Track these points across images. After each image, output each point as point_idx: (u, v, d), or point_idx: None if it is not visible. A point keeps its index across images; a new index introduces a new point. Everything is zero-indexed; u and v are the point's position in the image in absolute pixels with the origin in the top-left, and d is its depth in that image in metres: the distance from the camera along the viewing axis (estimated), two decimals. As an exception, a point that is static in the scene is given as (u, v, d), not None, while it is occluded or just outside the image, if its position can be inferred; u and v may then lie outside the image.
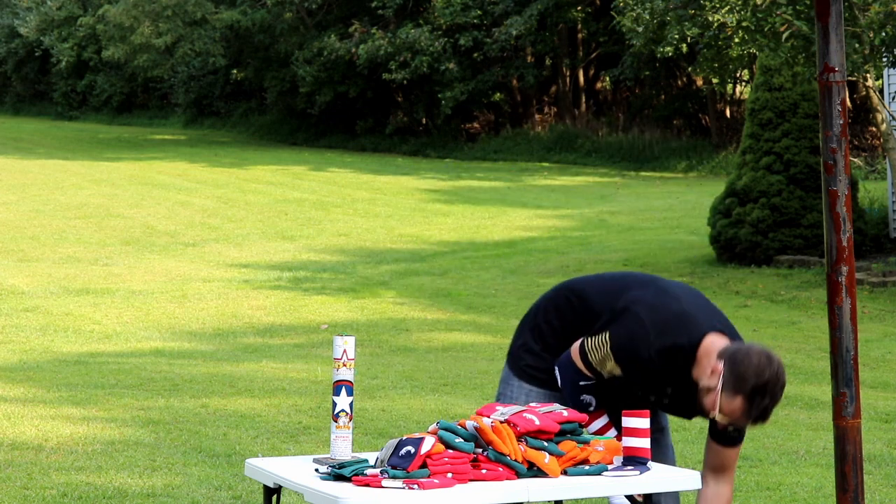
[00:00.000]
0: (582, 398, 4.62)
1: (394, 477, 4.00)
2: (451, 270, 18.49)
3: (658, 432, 4.84)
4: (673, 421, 9.46)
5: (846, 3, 14.66)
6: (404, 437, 4.16)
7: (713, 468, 4.75)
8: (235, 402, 10.01)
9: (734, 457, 4.80)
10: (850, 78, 15.77)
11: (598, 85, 37.14)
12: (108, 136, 39.21)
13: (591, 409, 4.61)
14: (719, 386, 4.47)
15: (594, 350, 4.58)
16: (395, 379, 11.12)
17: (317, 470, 4.20)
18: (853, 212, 16.09)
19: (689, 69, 27.88)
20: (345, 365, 4.31)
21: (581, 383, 4.63)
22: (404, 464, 4.05)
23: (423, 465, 4.06)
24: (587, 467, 4.19)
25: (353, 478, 4.04)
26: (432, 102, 34.80)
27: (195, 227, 22.18)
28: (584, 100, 36.19)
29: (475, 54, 33.40)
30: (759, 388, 4.41)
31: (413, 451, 4.08)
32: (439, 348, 13.22)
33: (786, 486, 7.68)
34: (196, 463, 8.08)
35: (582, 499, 4.24)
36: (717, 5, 16.08)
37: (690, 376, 4.59)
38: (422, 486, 3.97)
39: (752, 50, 17.11)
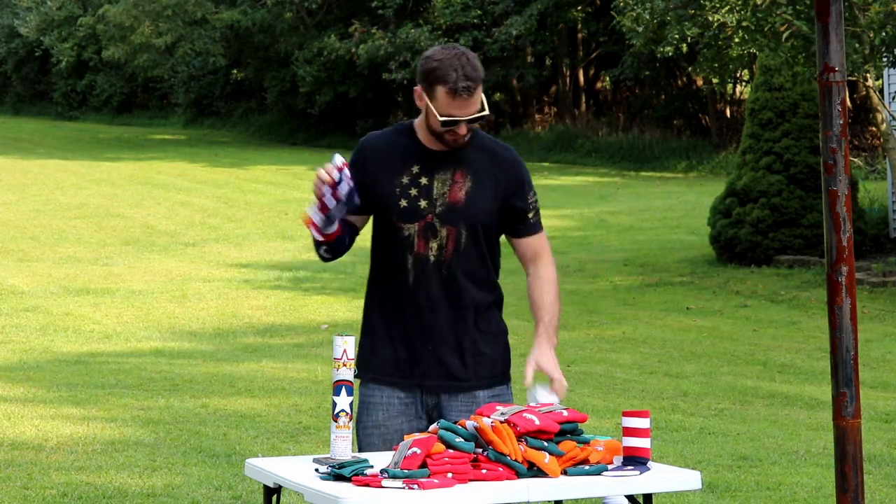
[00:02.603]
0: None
1: (394, 477, 4.00)
2: (451, 270, 18.48)
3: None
4: (672, 420, 9.48)
5: (846, 3, 14.66)
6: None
7: (530, 260, 4.80)
8: (235, 402, 10.01)
9: (542, 242, 4.80)
10: (850, 78, 15.78)
11: (598, 85, 37.15)
12: (108, 136, 39.22)
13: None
14: (424, 96, 4.57)
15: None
16: (395, 379, 11.11)
17: (317, 470, 4.20)
18: (853, 212, 16.09)
19: (689, 69, 27.89)
20: (345, 365, 4.31)
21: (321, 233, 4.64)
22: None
23: (423, 465, 4.07)
24: (587, 467, 4.19)
25: (353, 478, 4.04)
26: (432, 102, 34.80)
27: (195, 227, 22.19)
28: (584, 100, 36.20)
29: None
30: (442, 66, 4.52)
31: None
32: (439, 348, 13.21)
33: (786, 486, 7.68)
34: (196, 463, 8.09)
35: (582, 499, 4.24)
36: (717, 5, 16.08)
37: (421, 143, 4.67)
38: (422, 486, 3.97)
39: (752, 50, 17.11)
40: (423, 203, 4.63)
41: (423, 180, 4.64)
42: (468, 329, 4.66)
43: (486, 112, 4.62)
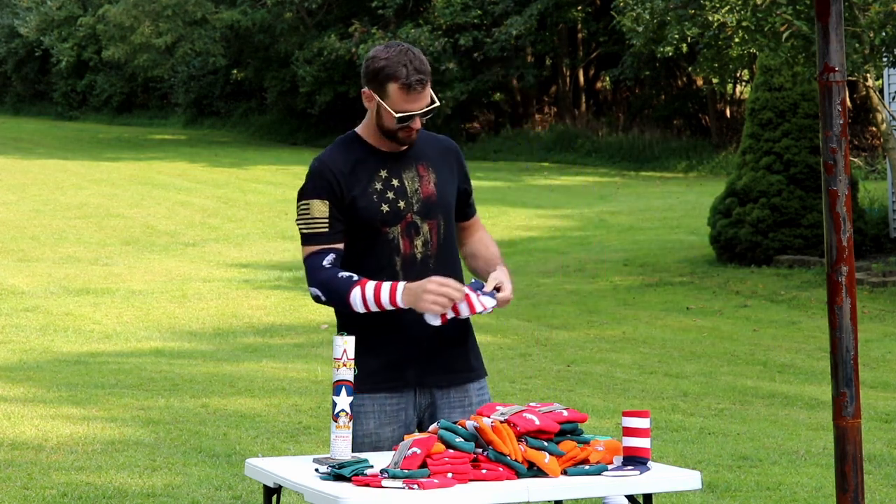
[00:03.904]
0: (339, 275, 4.55)
1: (394, 477, 4.00)
2: (451, 270, 18.47)
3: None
4: (672, 420, 9.48)
5: (846, 3, 14.66)
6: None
7: (470, 237, 4.88)
8: (235, 402, 10.01)
9: (480, 221, 4.93)
10: (850, 78, 15.78)
11: (598, 85, 37.15)
12: (108, 136, 39.22)
13: (355, 278, 4.53)
14: (374, 96, 4.62)
15: (300, 218, 4.64)
16: (395, 379, 11.10)
17: (317, 470, 4.20)
18: (853, 212, 16.09)
19: (689, 69, 27.89)
20: (345, 365, 4.30)
21: (324, 264, 4.59)
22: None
23: (423, 465, 4.06)
24: (587, 467, 4.19)
25: (353, 478, 4.04)
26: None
27: (195, 227, 22.19)
28: (584, 100, 36.21)
29: (475, 54, 33.40)
30: (391, 63, 4.58)
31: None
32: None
33: (786, 486, 7.68)
34: (196, 463, 8.09)
35: (582, 499, 4.24)
36: (717, 5, 16.08)
37: (375, 147, 4.69)
38: (422, 486, 3.97)
39: (752, 50, 17.11)
40: (401, 204, 4.63)
41: (395, 182, 4.65)
42: (457, 321, 4.66)
43: (438, 104, 4.65)
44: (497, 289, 4.61)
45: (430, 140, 4.79)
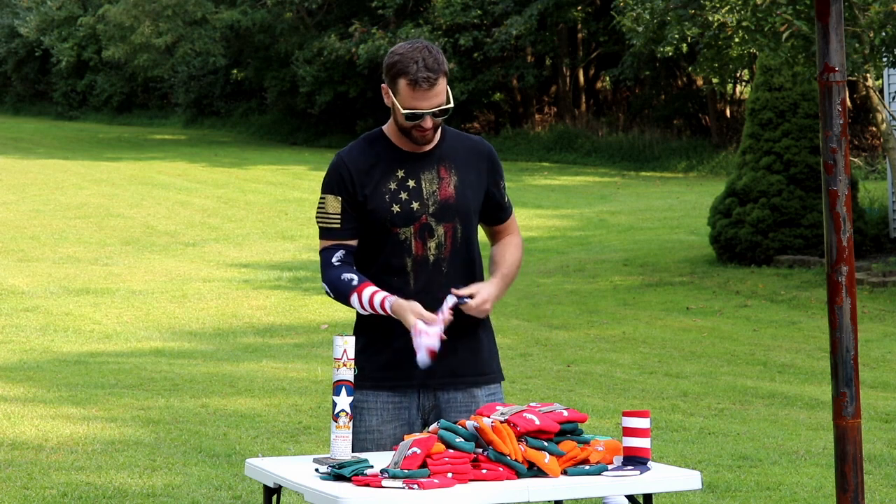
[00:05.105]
0: (342, 277, 4.61)
1: (394, 477, 4.00)
2: (451, 270, 18.45)
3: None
4: (672, 420, 9.47)
5: (846, 3, 14.65)
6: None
7: (500, 239, 4.86)
8: (235, 402, 10.01)
9: (514, 223, 4.90)
10: (850, 78, 15.77)
11: (598, 85, 37.14)
12: (108, 136, 39.21)
13: (354, 283, 4.58)
14: (389, 92, 4.58)
15: (317, 212, 4.69)
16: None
17: (317, 470, 4.20)
18: (853, 212, 16.09)
19: (689, 69, 27.88)
20: (345, 365, 4.31)
21: (333, 261, 4.66)
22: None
23: (423, 465, 4.07)
24: (587, 467, 4.19)
25: (353, 478, 4.05)
26: (432, 102, 34.77)
27: (195, 227, 22.19)
28: (584, 100, 36.20)
29: (475, 54, 33.39)
30: (403, 59, 4.53)
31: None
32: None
33: (786, 486, 7.68)
34: (196, 463, 8.09)
35: (582, 499, 4.25)
36: (717, 5, 16.08)
37: (398, 147, 4.67)
38: (422, 486, 3.97)
39: (752, 50, 17.11)
40: (415, 205, 4.62)
41: (411, 182, 4.63)
42: (469, 324, 4.65)
43: (451, 105, 4.60)
44: (470, 296, 4.59)
45: (461, 140, 4.75)
